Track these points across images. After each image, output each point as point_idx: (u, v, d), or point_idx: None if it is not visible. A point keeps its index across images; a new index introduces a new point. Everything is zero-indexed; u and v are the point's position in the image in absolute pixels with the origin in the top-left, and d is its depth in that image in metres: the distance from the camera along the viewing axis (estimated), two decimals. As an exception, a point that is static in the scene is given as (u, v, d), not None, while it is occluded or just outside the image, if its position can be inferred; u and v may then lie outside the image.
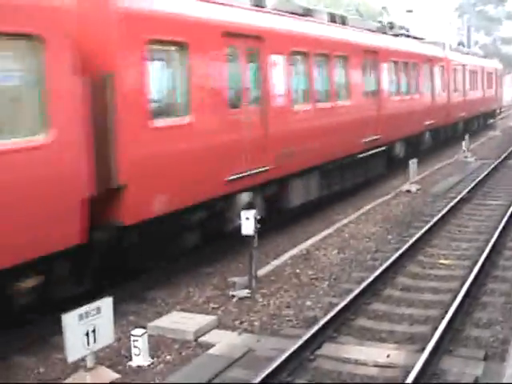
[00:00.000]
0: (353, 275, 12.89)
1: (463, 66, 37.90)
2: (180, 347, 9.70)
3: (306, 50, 17.35)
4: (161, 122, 11.53)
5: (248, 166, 14.16)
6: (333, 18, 20.52)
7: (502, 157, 29.19)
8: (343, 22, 21.27)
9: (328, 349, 9.31)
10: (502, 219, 16.31)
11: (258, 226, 12.20)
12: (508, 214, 16.74)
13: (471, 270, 12.16)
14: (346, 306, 10.55)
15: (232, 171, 13.56)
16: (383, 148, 23.14)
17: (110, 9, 10.71)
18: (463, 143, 31.03)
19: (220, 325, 10.42)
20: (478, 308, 10.77)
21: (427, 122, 29.22)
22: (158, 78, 11.94)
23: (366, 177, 22.35)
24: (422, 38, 32.62)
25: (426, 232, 15.39)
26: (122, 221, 10.75)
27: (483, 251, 13.38)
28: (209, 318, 10.50)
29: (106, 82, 10.39)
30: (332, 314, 10.12)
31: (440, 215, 17.01)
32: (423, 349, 8.73)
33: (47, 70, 9.22)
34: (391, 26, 28.22)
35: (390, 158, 24.85)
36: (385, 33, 26.04)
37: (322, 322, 9.76)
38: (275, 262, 13.88)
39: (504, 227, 15.45)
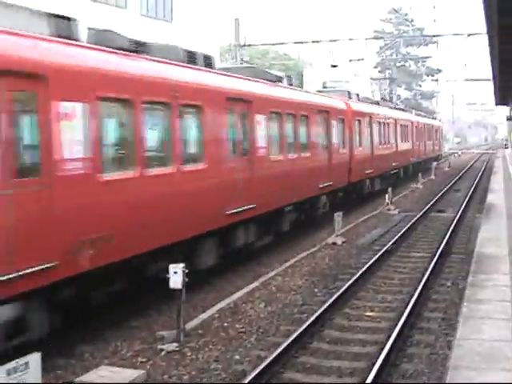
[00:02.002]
0: (280, 328, 12.95)
1: (424, 124, 58.78)
2: (108, 403, 9.61)
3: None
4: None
5: None
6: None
7: (424, 209, 29.81)
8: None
9: (257, 403, 9.35)
10: (425, 271, 16.65)
11: (186, 279, 12.22)
12: (431, 266, 17.10)
13: (397, 323, 12.39)
14: (274, 359, 10.61)
15: None
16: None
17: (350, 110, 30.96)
18: (387, 196, 31.64)
19: (148, 379, 10.37)
20: (404, 360, 10.98)
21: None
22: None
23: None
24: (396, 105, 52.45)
25: (351, 284, 15.62)
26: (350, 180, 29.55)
27: (408, 303, 13.66)
28: (137, 373, 10.43)
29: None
30: (260, 367, 10.17)
31: (365, 268, 17.29)
32: (351, 401, 8.87)
33: (345, 127, 29.56)
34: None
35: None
36: (378, 103, 42.31)
37: (250, 377, 9.80)
38: (203, 316, 13.84)
39: (427, 279, 15.76)
